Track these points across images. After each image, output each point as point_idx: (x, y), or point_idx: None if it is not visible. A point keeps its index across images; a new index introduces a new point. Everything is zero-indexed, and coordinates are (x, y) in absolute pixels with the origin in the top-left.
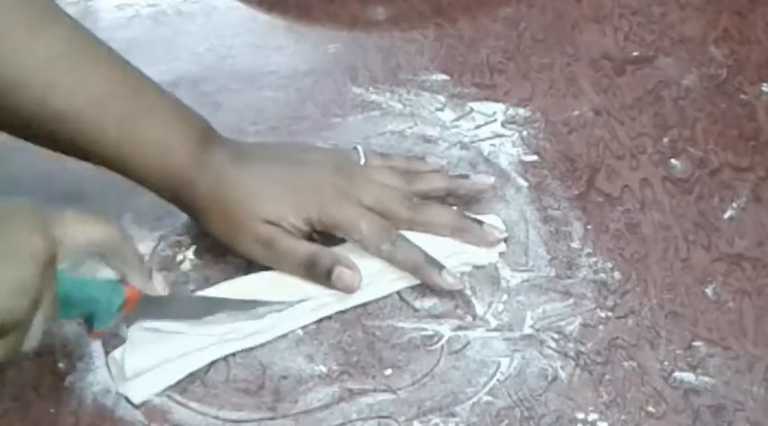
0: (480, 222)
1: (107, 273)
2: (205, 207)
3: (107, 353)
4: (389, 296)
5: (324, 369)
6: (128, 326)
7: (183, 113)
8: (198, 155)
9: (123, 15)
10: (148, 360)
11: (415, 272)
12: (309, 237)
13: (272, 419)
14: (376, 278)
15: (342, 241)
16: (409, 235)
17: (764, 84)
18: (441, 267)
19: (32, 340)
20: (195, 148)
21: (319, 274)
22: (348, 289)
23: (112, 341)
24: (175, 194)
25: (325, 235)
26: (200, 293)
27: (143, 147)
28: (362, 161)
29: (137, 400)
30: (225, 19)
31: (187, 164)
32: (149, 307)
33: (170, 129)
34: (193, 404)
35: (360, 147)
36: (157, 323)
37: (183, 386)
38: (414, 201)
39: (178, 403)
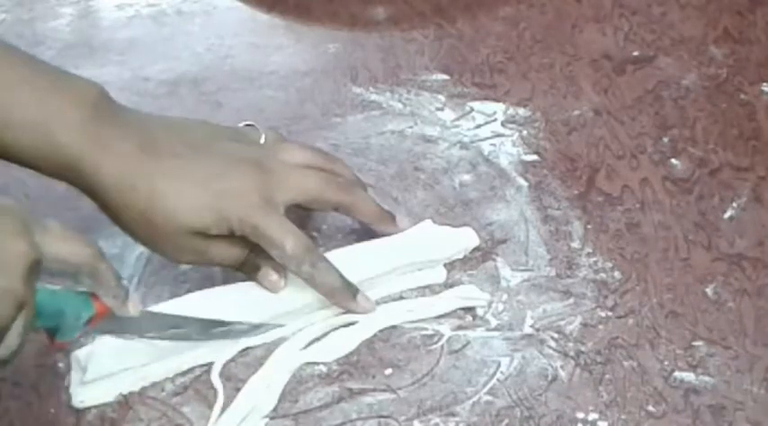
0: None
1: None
2: (115, 203)
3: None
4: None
5: (324, 369)
6: (93, 338)
7: (62, 84)
8: (89, 132)
9: (123, 15)
10: (111, 366)
11: (331, 296)
12: None
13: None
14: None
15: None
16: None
17: (764, 84)
18: (356, 291)
19: (10, 346)
20: (82, 125)
21: (248, 270)
22: (272, 290)
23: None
24: (73, 179)
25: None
26: (164, 305)
27: (15, 130)
28: (262, 139)
29: (82, 405)
30: (225, 19)
31: (76, 142)
32: (114, 322)
33: (43, 104)
34: (194, 404)
35: (256, 126)
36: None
37: (183, 386)
38: (340, 182)
39: (178, 402)
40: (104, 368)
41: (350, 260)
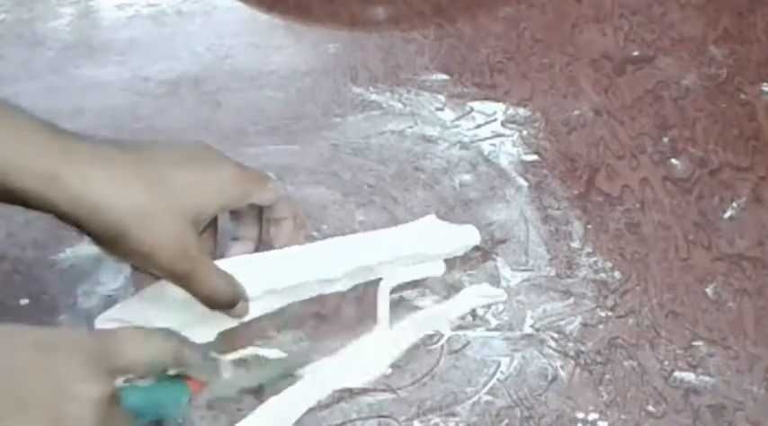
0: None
1: None
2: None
3: None
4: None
5: None
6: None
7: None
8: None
9: (123, 15)
10: None
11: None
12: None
13: None
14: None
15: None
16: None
17: (764, 84)
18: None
19: None
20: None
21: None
22: (238, 318)
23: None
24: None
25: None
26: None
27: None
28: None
29: None
30: (225, 19)
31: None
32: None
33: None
34: (194, 404)
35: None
36: (124, 314)
37: None
38: None
39: None
40: None
41: (351, 248)
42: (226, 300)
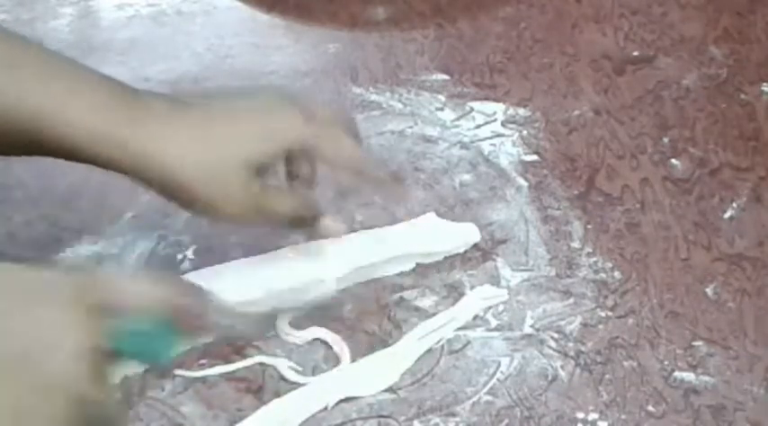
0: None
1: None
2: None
3: None
4: (390, 295)
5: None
6: None
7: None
8: (129, 104)
9: (123, 15)
10: None
11: (380, 185)
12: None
13: None
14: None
15: None
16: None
17: (764, 84)
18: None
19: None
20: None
21: (306, 223)
22: (336, 236)
23: None
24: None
25: None
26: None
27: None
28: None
29: None
30: (225, 19)
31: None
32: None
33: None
34: (194, 404)
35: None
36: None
37: (183, 386)
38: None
39: (178, 402)
40: None
41: (352, 246)
42: (307, 220)
